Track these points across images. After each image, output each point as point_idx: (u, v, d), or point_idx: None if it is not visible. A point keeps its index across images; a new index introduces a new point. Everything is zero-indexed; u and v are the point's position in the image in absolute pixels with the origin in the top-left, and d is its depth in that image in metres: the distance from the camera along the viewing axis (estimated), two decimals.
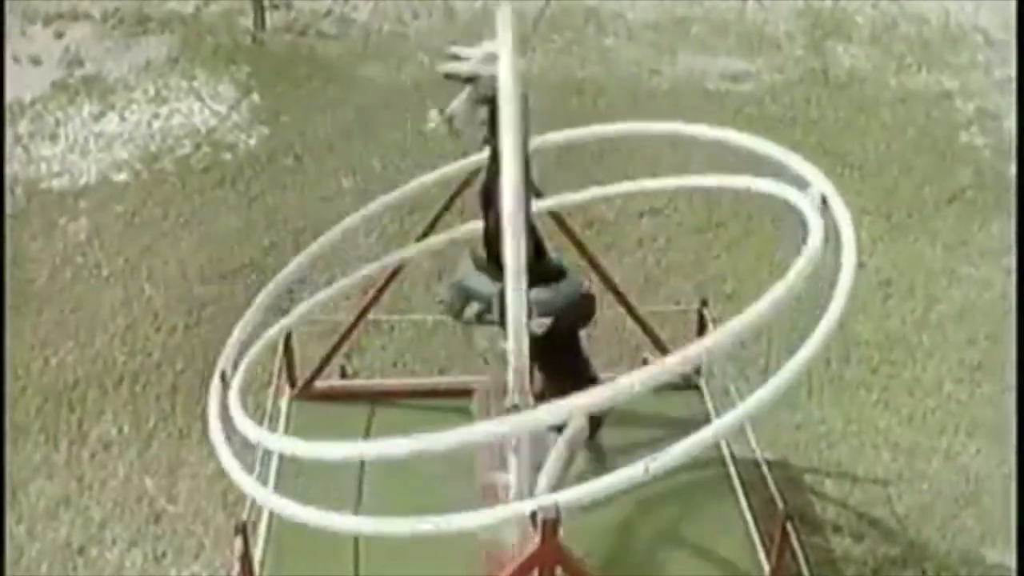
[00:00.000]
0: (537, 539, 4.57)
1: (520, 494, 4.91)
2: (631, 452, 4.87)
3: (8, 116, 12.08)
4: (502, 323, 5.27)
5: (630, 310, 7.30)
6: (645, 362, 7.50)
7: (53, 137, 11.92)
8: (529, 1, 5.76)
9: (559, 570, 4.83)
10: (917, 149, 12.01)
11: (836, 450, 8.68)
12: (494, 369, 5.58)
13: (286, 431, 6.99)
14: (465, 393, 7.12)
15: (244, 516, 6.08)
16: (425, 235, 6.95)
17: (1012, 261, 10.13)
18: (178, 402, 8.88)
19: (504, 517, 4.87)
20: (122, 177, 11.37)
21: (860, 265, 10.17)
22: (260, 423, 5.88)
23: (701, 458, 6.53)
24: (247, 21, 13.77)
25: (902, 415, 8.99)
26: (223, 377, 5.73)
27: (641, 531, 6.52)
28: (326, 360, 7.30)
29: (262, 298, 6.26)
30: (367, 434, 6.76)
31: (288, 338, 7.23)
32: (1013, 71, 12.67)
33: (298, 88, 12.76)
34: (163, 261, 10.20)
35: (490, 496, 5.41)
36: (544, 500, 4.63)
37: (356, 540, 6.04)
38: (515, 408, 4.78)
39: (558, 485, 4.94)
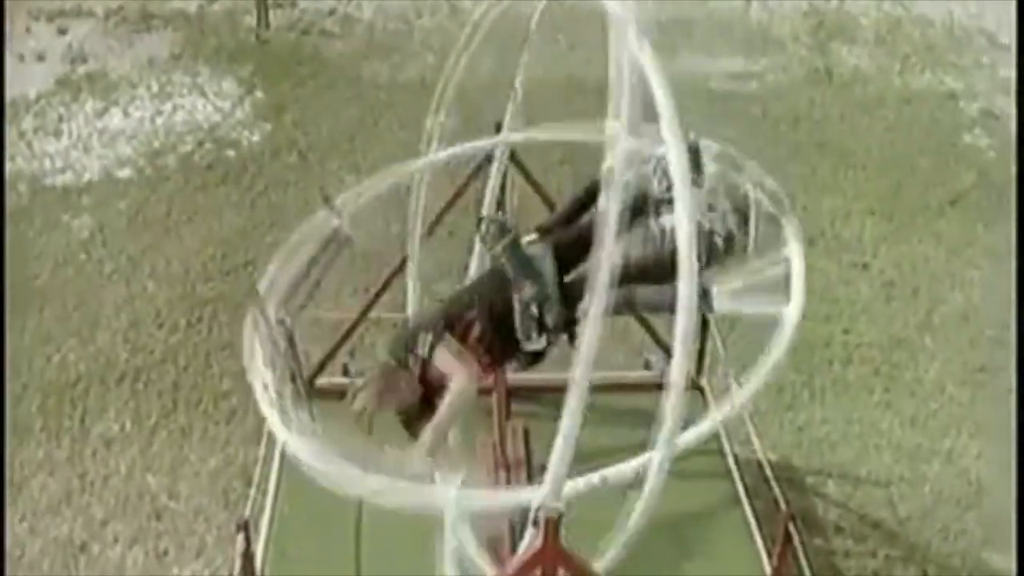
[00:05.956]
0: (539, 539, 4.54)
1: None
2: (630, 453, 4.82)
3: (12, 112, 12.08)
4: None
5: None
6: (647, 363, 7.53)
7: (57, 133, 11.91)
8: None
9: (561, 571, 4.81)
10: (921, 150, 11.99)
11: (838, 452, 8.67)
12: None
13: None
14: None
15: (246, 513, 6.08)
16: (431, 231, 6.92)
17: (1012, 262, 10.11)
18: (180, 399, 8.87)
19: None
20: (125, 174, 11.36)
21: (864, 267, 10.41)
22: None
23: (704, 458, 6.58)
24: (251, 19, 13.77)
25: (904, 417, 8.98)
26: None
27: (643, 531, 6.51)
28: (328, 358, 7.28)
29: None
30: (369, 432, 6.74)
31: (291, 335, 7.21)
32: (1013, 72, 12.67)
33: (302, 86, 12.75)
34: (166, 258, 10.19)
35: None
36: (548, 499, 4.56)
37: (357, 537, 6.03)
38: None
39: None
